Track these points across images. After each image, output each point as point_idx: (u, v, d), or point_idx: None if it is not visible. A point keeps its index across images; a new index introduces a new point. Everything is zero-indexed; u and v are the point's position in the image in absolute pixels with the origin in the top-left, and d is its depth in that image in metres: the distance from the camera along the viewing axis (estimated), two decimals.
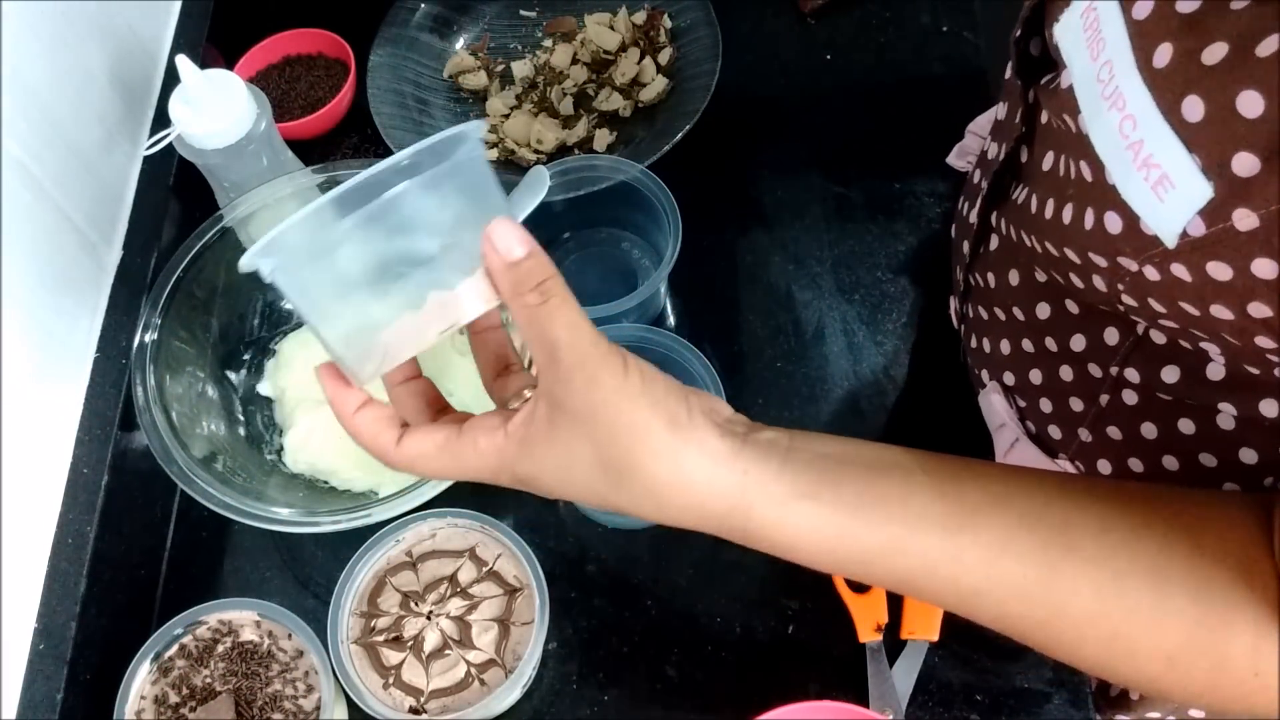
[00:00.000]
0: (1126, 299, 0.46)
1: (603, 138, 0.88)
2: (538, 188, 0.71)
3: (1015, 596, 0.43)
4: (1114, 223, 0.44)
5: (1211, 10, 0.37)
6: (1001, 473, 0.45)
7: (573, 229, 0.83)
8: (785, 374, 0.78)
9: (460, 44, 0.95)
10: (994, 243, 0.63)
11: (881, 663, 0.67)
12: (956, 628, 0.68)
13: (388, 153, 0.85)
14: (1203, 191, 0.38)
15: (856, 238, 0.83)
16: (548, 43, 0.94)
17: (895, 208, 0.84)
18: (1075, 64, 0.45)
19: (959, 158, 0.78)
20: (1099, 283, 0.48)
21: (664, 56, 0.90)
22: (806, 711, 0.61)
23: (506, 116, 0.90)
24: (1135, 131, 0.40)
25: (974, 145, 0.75)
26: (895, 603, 0.68)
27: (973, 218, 0.64)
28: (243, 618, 0.66)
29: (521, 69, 0.92)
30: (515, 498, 0.74)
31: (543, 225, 0.79)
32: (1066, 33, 0.46)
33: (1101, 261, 0.46)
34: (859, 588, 0.68)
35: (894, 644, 0.68)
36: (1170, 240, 0.40)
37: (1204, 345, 0.46)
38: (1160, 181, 0.39)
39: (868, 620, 0.67)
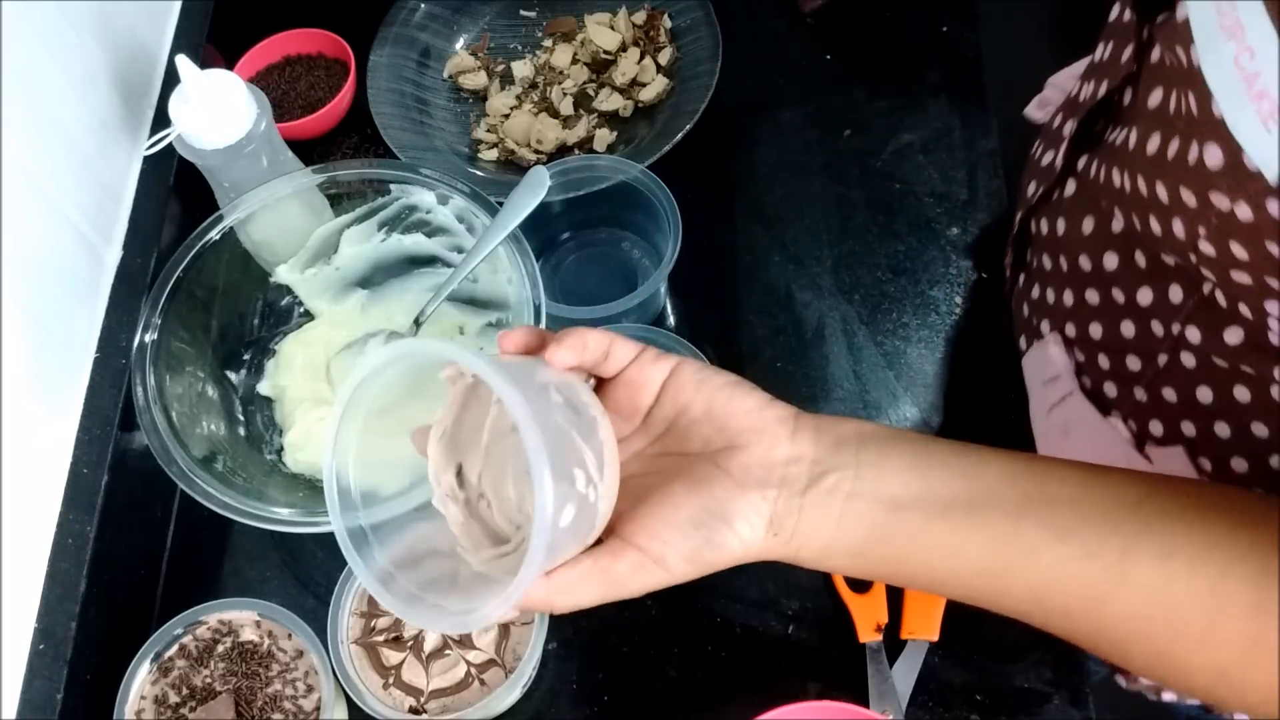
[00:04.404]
0: (1204, 246, 0.45)
1: (603, 138, 0.88)
2: (538, 188, 0.71)
3: (1060, 618, 0.44)
4: (1214, 156, 0.43)
5: None
6: (1077, 494, 0.44)
7: (573, 229, 0.83)
8: (785, 374, 0.78)
9: (460, 44, 0.95)
10: (1070, 188, 0.62)
11: (881, 663, 0.67)
12: (956, 628, 0.68)
13: (388, 153, 0.85)
14: None
15: (856, 238, 0.83)
16: (548, 43, 0.94)
17: (895, 208, 0.84)
18: None
19: (1039, 109, 0.76)
20: (1178, 228, 0.47)
21: (664, 56, 0.90)
22: (806, 711, 0.61)
23: (506, 116, 0.90)
24: (1253, 63, 0.39)
25: (1055, 97, 0.75)
26: (895, 603, 0.68)
27: (1048, 160, 0.63)
28: (243, 618, 0.66)
29: (521, 69, 0.92)
30: None
31: (543, 225, 0.79)
32: None
33: (1190, 200, 0.45)
34: (859, 587, 0.69)
35: (894, 644, 0.68)
36: (1273, 174, 0.40)
37: (1268, 307, 0.46)
38: (1272, 113, 0.39)
39: (868, 620, 0.67)
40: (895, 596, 0.68)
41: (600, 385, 0.47)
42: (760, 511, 0.43)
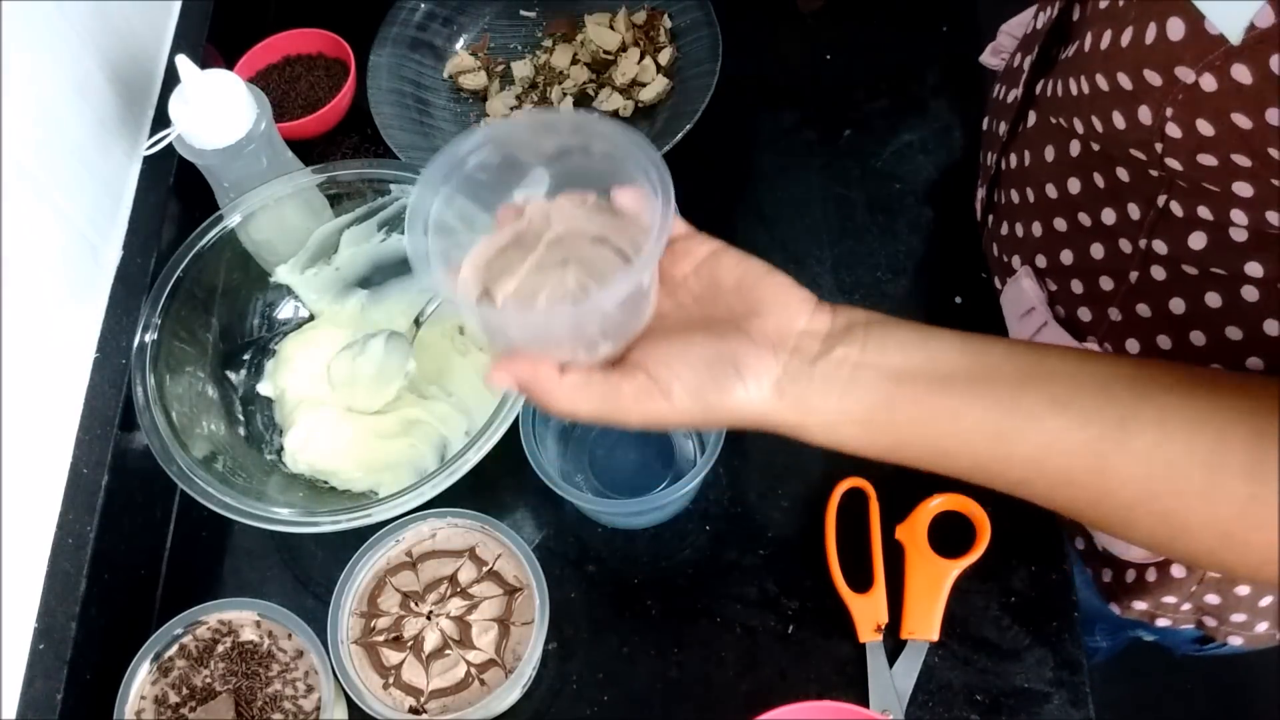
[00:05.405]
0: (1170, 129, 0.46)
1: None
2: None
3: (1062, 485, 0.45)
4: (1176, 29, 0.44)
5: None
6: (1074, 369, 0.45)
7: None
8: None
9: (460, 44, 0.95)
10: (1032, 119, 0.64)
11: (881, 663, 0.67)
12: (956, 628, 0.68)
13: (388, 153, 0.85)
14: None
15: (856, 238, 0.83)
16: (548, 43, 0.94)
17: (895, 208, 0.84)
18: None
19: (992, 55, 0.78)
20: (1144, 115, 0.48)
21: (664, 56, 0.90)
22: (806, 711, 0.61)
23: (506, 116, 0.90)
24: None
25: (1008, 44, 0.76)
26: (895, 603, 0.68)
27: (1012, 98, 0.65)
28: (243, 618, 0.66)
29: (521, 69, 0.92)
30: (515, 497, 0.74)
31: None
32: None
33: (1155, 79, 0.46)
34: (859, 587, 0.69)
35: (894, 644, 0.68)
36: (1235, 35, 0.40)
37: (1235, 188, 0.47)
38: None
39: (868, 620, 0.67)
40: (895, 596, 0.68)
41: None
42: (770, 370, 0.45)
